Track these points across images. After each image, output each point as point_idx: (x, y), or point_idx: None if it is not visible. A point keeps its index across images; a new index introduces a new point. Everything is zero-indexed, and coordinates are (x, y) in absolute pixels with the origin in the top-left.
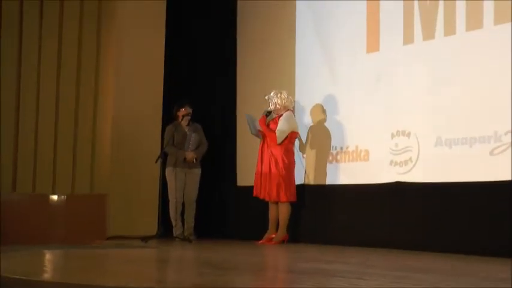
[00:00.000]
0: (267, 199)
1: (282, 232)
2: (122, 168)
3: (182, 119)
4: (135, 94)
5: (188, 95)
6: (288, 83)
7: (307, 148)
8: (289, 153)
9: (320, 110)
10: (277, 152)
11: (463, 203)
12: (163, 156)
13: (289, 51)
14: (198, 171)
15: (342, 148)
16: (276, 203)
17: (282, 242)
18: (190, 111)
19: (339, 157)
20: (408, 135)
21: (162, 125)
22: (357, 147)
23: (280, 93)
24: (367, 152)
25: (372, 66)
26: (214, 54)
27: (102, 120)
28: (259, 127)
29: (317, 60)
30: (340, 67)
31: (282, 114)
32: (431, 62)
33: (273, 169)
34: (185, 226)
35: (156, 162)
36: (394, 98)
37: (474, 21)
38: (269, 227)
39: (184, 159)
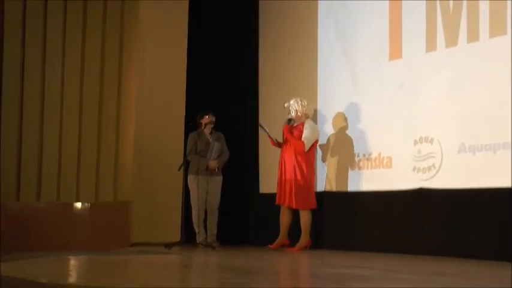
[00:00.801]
0: (292, 207)
1: (305, 238)
2: (145, 176)
3: (205, 127)
4: (158, 102)
5: (210, 102)
6: (310, 91)
7: (328, 156)
8: (310, 161)
9: (342, 118)
10: (301, 160)
11: (486, 209)
12: (186, 164)
13: (312, 58)
14: (219, 179)
15: (364, 155)
16: (291, 209)
17: (305, 247)
18: (214, 120)
19: (361, 164)
20: (431, 141)
21: (184, 133)
22: (379, 154)
23: (301, 101)
24: (390, 158)
25: (394, 74)
26: (237, 61)
27: (125, 128)
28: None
29: (339, 68)
30: (362, 74)
31: (303, 122)
32: (455, 69)
33: (298, 177)
34: (208, 233)
35: (179, 170)
36: (417, 104)
37: (497, 28)
38: (281, 233)
39: (207, 167)
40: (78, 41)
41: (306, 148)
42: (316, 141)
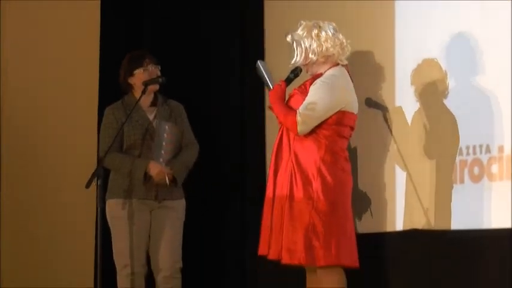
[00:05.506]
0: (283, 261)
1: None
2: (19, 209)
3: (143, 93)
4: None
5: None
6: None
7: (410, 157)
8: (337, 162)
9: (438, 74)
10: (309, 157)
11: None
12: (103, 176)
13: None
14: (178, 206)
15: (497, 149)
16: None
17: None
18: (158, 75)
19: (493, 168)
20: None
21: (99, 109)
22: None
23: (319, 29)
24: None
25: None
26: None
27: None
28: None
29: None
30: None
31: (320, 74)
32: None
33: (298, 194)
34: None
35: (87, 187)
36: None
37: None
38: None
39: (146, 178)
40: None
41: (300, 127)
42: (347, 115)
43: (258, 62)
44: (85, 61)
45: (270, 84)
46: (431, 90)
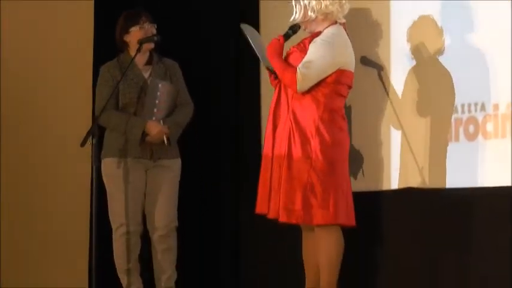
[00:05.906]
0: (281, 219)
1: (327, 283)
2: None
3: (138, 51)
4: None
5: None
6: None
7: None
8: (335, 120)
9: (434, 32)
10: (307, 116)
11: None
12: (98, 135)
13: None
14: (174, 165)
15: (492, 107)
16: (312, 228)
17: None
18: (154, 33)
19: (488, 127)
20: None
21: (94, 66)
22: None
23: None
24: None
25: None
26: None
27: None
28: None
29: None
30: None
31: (319, 32)
32: None
33: (296, 153)
34: (156, 280)
35: (82, 145)
36: None
37: None
38: (307, 278)
39: (143, 137)
40: None
41: (300, 85)
42: (345, 73)
43: (242, 26)
44: (80, 20)
45: (255, 50)
46: (427, 48)
